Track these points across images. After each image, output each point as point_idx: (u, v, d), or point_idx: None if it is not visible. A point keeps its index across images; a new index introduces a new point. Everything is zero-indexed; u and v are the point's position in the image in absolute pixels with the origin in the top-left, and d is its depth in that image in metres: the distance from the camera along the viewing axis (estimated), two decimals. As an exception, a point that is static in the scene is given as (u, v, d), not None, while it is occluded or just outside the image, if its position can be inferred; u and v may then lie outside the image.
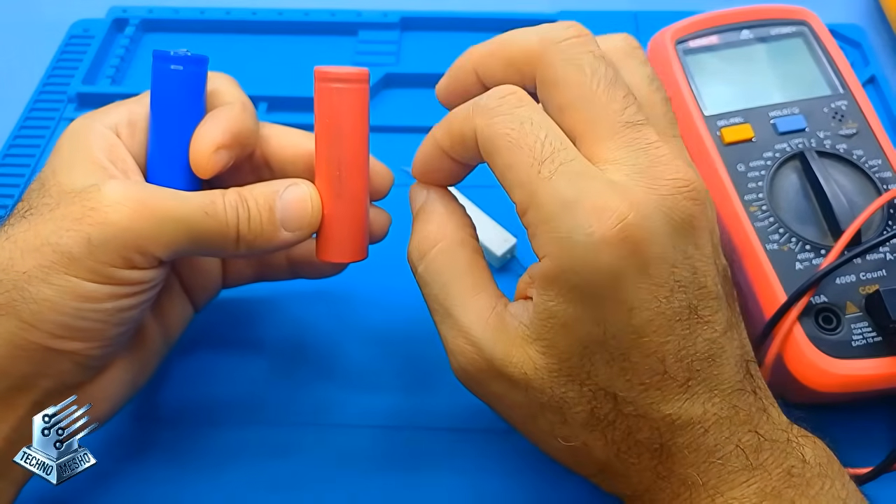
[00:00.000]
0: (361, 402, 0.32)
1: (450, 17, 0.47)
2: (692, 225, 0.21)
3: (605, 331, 0.21)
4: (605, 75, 0.22)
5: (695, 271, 0.21)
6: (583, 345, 0.22)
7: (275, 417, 0.32)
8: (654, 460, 0.22)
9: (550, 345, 0.22)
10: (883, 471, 0.28)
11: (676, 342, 0.21)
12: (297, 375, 0.33)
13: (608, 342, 0.21)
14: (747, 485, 0.22)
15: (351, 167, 0.25)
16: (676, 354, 0.21)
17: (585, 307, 0.21)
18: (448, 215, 0.25)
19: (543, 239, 0.21)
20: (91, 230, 0.23)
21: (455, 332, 0.24)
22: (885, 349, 0.28)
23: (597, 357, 0.22)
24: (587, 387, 0.22)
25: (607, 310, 0.21)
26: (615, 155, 0.21)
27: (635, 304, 0.21)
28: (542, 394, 0.23)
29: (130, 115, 0.27)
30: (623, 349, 0.21)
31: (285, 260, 0.31)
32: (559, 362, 0.22)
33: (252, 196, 0.25)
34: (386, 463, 0.31)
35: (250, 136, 0.27)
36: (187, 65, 0.26)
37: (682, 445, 0.22)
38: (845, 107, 0.34)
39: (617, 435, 0.22)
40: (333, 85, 0.25)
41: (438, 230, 0.25)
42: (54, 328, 0.23)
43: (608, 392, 0.22)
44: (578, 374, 0.22)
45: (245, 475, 0.30)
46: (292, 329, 0.35)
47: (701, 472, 0.22)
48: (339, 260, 0.26)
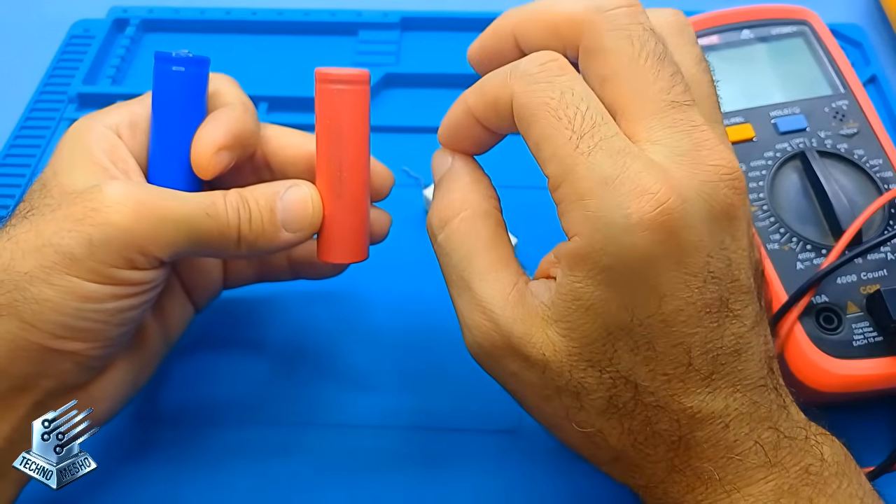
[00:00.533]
0: (361, 402, 0.32)
1: (450, 17, 0.47)
2: (732, 214, 0.21)
3: (633, 317, 0.20)
4: (654, 50, 0.21)
5: (729, 263, 0.21)
6: (608, 330, 0.21)
7: (275, 417, 0.32)
8: (670, 452, 0.22)
9: (573, 327, 0.21)
10: (883, 471, 0.28)
11: (704, 334, 0.21)
12: (297, 375, 0.33)
13: (634, 329, 0.21)
14: (765, 481, 0.21)
15: (352, 168, 0.25)
16: (703, 347, 0.21)
17: (614, 291, 0.20)
18: (473, 184, 0.24)
19: (576, 216, 0.20)
20: (92, 230, 0.23)
21: (473, 305, 0.23)
22: (886, 349, 0.28)
23: (621, 343, 0.21)
24: (608, 373, 0.21)
25: (637, 295, 0.20)
26: (657, 135, 0.21)
27: (667, 291, 0.20)
28: (560, 377, 0.22)
29: (132, 116, 0.27)
30: (649, 337, 0.21)
31: (286, 261, 0.31)
32: (580, 346, 0.21)
33: (253, 197, 0.25)
34: (386, 463, 0.31)
35: (251, 137, 0.27)
36: (189, 66, 0.26)
37: (701, 439, 0.21)
38: (846, 106, 0.34)
39: (635, 424, 0.22)
40: (334, 86, 0.25)
41: (463, 198, 0.24)
42: (55, 328, 0.23)
43: (629, 380, 0.21)
44: (600, 360, 0.21)
45: (245, 475, 0.30)
46: (292, 329, 0.35)
47: (718, 467, 0.22)
48: (339, 261, 0.26)
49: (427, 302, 0.35)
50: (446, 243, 0.24)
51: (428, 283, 0.36)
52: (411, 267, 0.36)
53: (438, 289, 0.35)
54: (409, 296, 0.35)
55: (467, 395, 0.32)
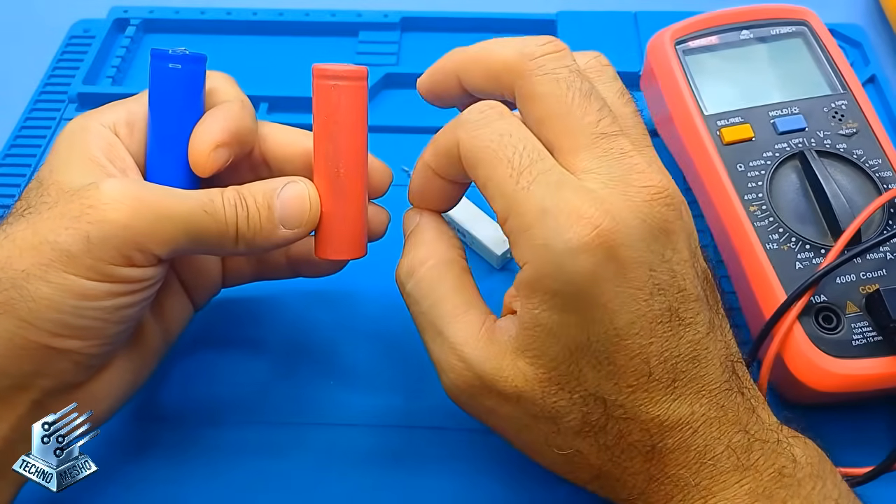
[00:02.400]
0: (362, 401, 0.32)
1: (450, 17, 0.47)
2: (668, 229, 0.22)
3: (589, 335, 0.22)
4: (581, 88, 0.23)
5: (673, 275, 0.22)
6: (569, 351, 0.22)
7: (274, 417, 0.32)
8: (646, 463, 0.23)
9: (538, 354, 0.22)
10: (883, 471, 0.28)
11: (660, 344, 0.22)
12: (297, 375, 0.33)
13: (593, 346, 0.22)
14: (739, 485, 0.22)
15: (349, 165, 0.25)
16: (660, 356, 0.22)
17: (568, 313, 0.22)
18: (438, 236, 0.26)
19: (523, 247, 0.22)
20: (90, 228, 0.23)
21: (446, 349, 0.24)
22: (885, 349, 0.28)
23: (584, 362, 0.22)
24: (577, 393, 0.22)
25: (589, 314, 0.21)
26: (591, 165, 0.22)
27: (615, 307, 0.21)
28: (534, 405, 0.23)
29: (129, 114, 0.27)
30: (608, 353, 0.22)
31: (285, 258, 0.31)
32: (548, 371, 0.22)
33: (251, 194, 0.25)
34: (387, 462, 0.31)
35: (249, 135, 0.27)
36: (185, 63, 0.26)
37: (672, 446, 0.22)
38: (845, 106, 0.34)
39: (609, 439, 0.23)
40: (332, 82, 0.25)
41: (427, 250, 0.25)
42: (53, 326, 0.23)
43: (598, 397, 0.22)
44: (568, 382, 0.22)
45: (245, 475, 0.30)
46: (292, 328, 0.35)
47: (692, 472, 0.22)
48: (337, 257, 0.26)
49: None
50: (415, 291, 0.25)
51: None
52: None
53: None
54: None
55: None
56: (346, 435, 0.31)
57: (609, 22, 0.46)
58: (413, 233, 0.26)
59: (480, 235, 0.36)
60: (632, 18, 0.47)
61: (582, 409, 0.23)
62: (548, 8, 0.47)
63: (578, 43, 0.44)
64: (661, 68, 0.37)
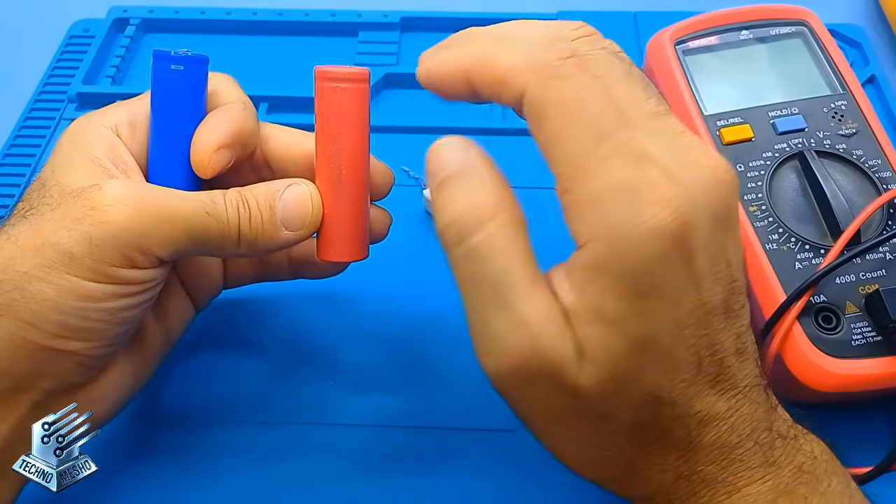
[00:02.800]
0: (361, 401, 0.32)
1: (450, 17, 0.47)
2: (731, 218, 0.21)
3: (654, 327, 0.20)
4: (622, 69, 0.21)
5: (729, 264, 0.21)
6: (633, 344, 0.20)
7: (275, 418, 0.32)
8: (679, 460, 0.22)
9: (601, 348, 0.20)
10: (883, 471, 0.28)
11: (711, 336, 0.20)
12: (298, 375, 0.33)
13: (656, 338, 0.20)
14: (762, 481, 0.21)
15: (351, 166, 0.25)
16: (710, 349, 0.20)
17: (634, 300, 0.19)
18: (502, 185, 0.21)
19: (590, 221, 0.19)
20: (92, 230, 0.23)
21: (514, 325, 0.20)
22: (884, 349, 0.28)
23: (646, 357, 0.20)
24: (636, 391, 0.21)
25: (656, 303, 0.20)
26: (650, 143, 0.20)
27: (680, 296, 0.20)
28: (588, 402, 0.21)
29: (131, 116, 0.27)
30: (670, 346, 0.20)
31: (286, 260, 0.31)
32: (610, 369, 0.20)
33: (253, 195, 0.25)
34: (387, 462, 0.31)
35: (251, 136, 0.27)
36: (188, 65, 0.26)
37: (707, 443, 0.21)
38: (845, 107, 0.34)
39: (651, 437, 0.21)
40: (334, 84, 0.25)
41: (498, 201, 0.21)
42: (55, 328, 0.23)
43: (654, 395, 0.21)
44: (629, 380, 0.20)
45: (246, 475, 0.30)
46: (293, 330, 0.35)
47: (721, 468, 0.21)
48: (339, 259, 0.26)
49: (427, 302, 0.35)
50: (484, 248, 0.20)
51: (428, 284, 0.36)
52: (411, 267, 0.36)
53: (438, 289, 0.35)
54: (408, 296, 0.36)
55: (466, 394, 0.32)
56: (347, 435, 0.31)
57: (609, 22, 0.46)
58: (467, 173, 0.21)
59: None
60: (631, 18, 0.47)
61: (637, 409, 0.21)
62: (548, 8, 0.47)
63: (578, 43, 0.44)
64: (660, 68, 0.37)
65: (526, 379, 0.21)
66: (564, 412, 0.21)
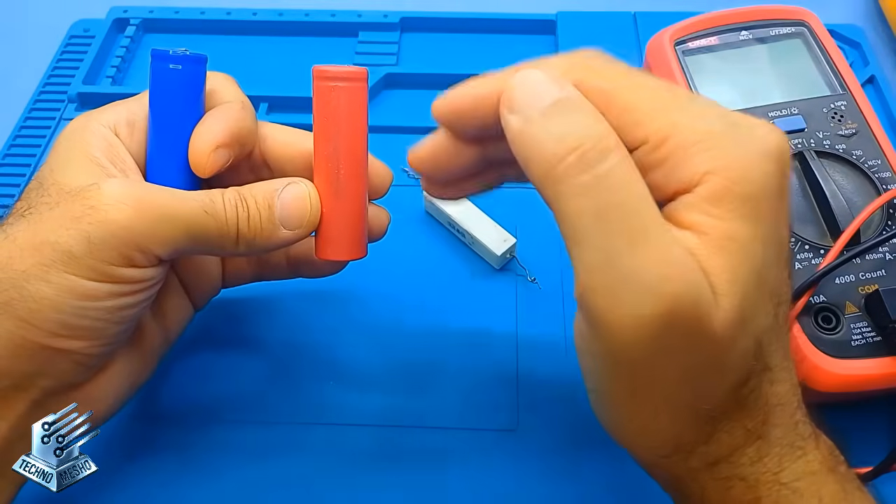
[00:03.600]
0: (360, 400, 0.32)
1: (450, 17, 0.47)
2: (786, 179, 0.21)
3: (767, 254, 0.20)
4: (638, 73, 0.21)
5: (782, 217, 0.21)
6: (758, 272, 0.19)
7: (275, 417, 0.32)
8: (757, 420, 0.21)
9: (733, 278, 0.19)
10: (883, 471, 0.28)
11: (784, 280, 0.21)
12: (297, 375, 0.33)
13: (767, 270, 0.20)
14: (817, 450, 0.21)
15: (349, 165, 0.25)
16: (780, 295, 0.21)
17: (758, 223, 0.19)
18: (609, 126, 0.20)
19: (704, 158, 0.19)
20: (91, 229, 0.23)
21: (657, 260, 0.18)
22: (884, 349, 0.28)
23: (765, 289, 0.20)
24: (753, 335, 0.20)
25: (773, 227, 0.20)
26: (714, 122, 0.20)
27: (781, 224, 0.20)
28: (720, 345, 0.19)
29: (129, 115, 0.27)
30: (780, 279, 0.20)
31: (285, 259, 0.31)
32: (742, 300, 0.19)
33: (251, 195, 0.25)
34: (387, 462, 0.31)
35: (249, 135, 0.27)
36: (186, 64, 0.26)
37: (776, 402, 0.21)
38: (844, 107, 0.34)
39: (746, 390, 0.20)
40: (332, 84, 0.25)
41: (613, 134, 0.20)
42: (54, 327, 0.23)
43: (757, 340, 0.20)
44: (754, 316, 0.20)
45: (245, 474, 0.30)
46: (291, 328, 0.35)
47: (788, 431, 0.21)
48: (338, 258, 0.26)
49: (426, 301, 0.35)
50: (616, 176, 0.19)
51: (428, 283, 0.36)
52: (411, 266, 0.36)
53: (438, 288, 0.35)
54: (408, 295, 0.36)
55: (466, 394, 0.32)
56: (346, 434, 0.31)
57: (609, 22, 0.46)
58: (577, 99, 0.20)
59: (480, 235, 0.36)
60: (631, 19, 0.47)
61: (750, 359, 0.20)
62: (548, 8, 0.47)
63: (578, 43, 0.44)
64: (660, 69, 0.37)
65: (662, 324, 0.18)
66: (686, 368, 0.20)
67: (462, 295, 0.35)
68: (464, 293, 0.36)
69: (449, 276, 0.36)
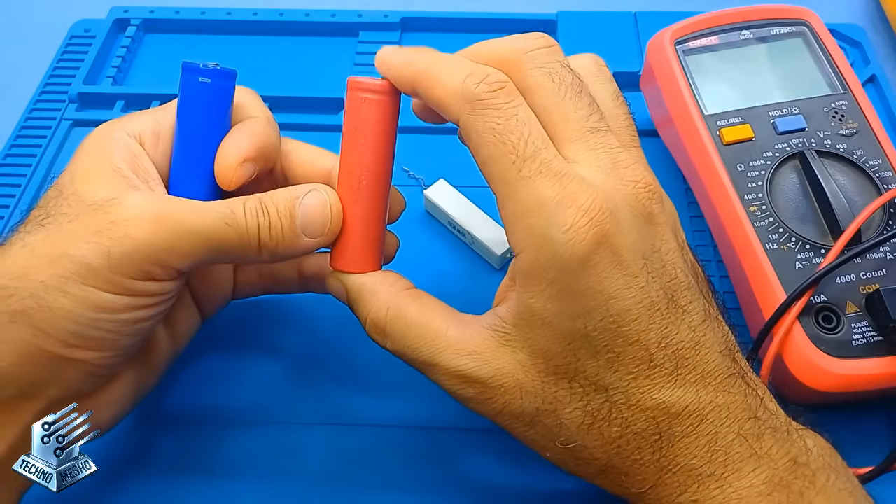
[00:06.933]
0: (364, 402, 0.32)
1: (450, 17, 0.47)
2: (655, 220, 0.23)
3: (587, 324, 0.22)
4: (572, 84, 0.23)
5: (664, 264, 0.22)
6: (566, 341, 0.22)
7: (282, 419, 0.32)
8: (655, 453, 0.23)
9: (535, 344, 0.23)
10: (883, 471, 0.28)
11: (658, 330, 0.22)
12: (304, 378, 0.33)
13: (591, 335, 0.22)
14: (755, 474, 0.22)
15: (372, 177, 0.25)
16: (660, 343, 0.22)
17: (564, 302, 0.22)
18: (375, 283, 0.26)
19: (520, 235, 0.22)
20: (112, 244, 0.23)
21: (445, 374, 0.24)
22: (885, 349, 0.28)
23: (582, 352, 0.22)
24: (577, 382, 0.23)
25: (586, 301, 0.22)
26: (581, 156, 0.23)
27: (612, 293, 0.22)
28: (536, 396, 0.23)
29: (154, 125, 0.27)
30: (606, 340, 0.22)
31: (297, 274, 0.31)
32: (546, 360, 0.23)
33: (273, 202, 0.25)
34: (396, 463, 0.31)
35: (274, 151, 0.27)
36: (216, 78, 0.26)
37: (681, 434, 0.22)
38: (845, 106, 0.34)
39: (614, 431, 0.23)
40: (362, 95, 0.25)
41: (379, 304, 0.25)
42: (68, 336, 0.23)
43: (598, 385, 0.22)
44: (567, 371, 0.23)
45: (247, 476, 0.30)
46: (298, 331, 0.35)
47: (705, 461, 0.22)
48: (351, 270, 0.26)
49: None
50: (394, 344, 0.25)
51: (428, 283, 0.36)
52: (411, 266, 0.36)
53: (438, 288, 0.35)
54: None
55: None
56: (348, 436, 0.31)
57: (609, 22, 0.46)
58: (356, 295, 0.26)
59: (480, 235, 0.36)
60: (631, 18, 0.47)
61: (583, 398, 0.23)
62: (548, 8, 0.47)
63: (578, 43, 0.44)
64: (660, 68, 0.37)
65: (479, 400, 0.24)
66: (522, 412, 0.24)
67: (462, 295, 0.35)
68: (464, 293, 0.36)
69: (449, 276, 0.36)
